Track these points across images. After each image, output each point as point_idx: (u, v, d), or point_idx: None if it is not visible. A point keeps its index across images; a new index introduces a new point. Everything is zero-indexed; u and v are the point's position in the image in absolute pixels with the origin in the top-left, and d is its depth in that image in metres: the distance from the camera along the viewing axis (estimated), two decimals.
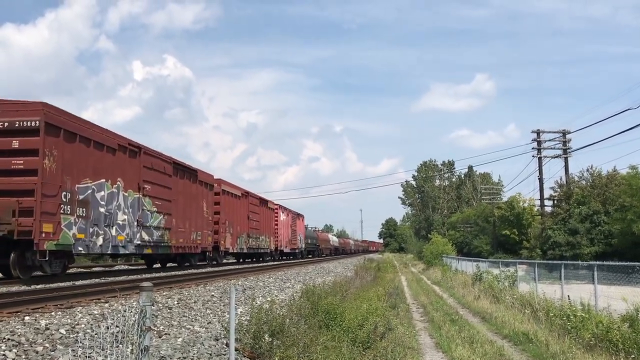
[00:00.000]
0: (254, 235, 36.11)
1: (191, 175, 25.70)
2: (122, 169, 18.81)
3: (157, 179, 21.60)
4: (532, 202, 49.85)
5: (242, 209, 33.87)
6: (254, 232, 36.23)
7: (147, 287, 4.86)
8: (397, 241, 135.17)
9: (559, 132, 43.02)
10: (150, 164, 21.07)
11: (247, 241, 34.50)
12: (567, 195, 40.05)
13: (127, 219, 18.93)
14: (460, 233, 68.72)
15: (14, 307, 9.30)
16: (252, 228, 35.72)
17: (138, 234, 19.79)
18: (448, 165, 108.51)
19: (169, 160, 23.01)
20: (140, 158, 20.18)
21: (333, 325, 9.98)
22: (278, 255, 45.74)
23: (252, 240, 35.55)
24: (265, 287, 17.81)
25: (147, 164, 20.75)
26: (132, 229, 19.31)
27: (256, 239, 36.84)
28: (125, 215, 18.84)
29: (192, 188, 25.56)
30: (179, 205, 23.71)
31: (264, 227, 39.62)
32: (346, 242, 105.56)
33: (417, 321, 15.30)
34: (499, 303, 17.57)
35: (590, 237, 35.89)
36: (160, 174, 21.96)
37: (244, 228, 34.10)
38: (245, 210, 34.62)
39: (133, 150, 19.85)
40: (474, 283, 23.53)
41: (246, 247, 34.42)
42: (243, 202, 34.27)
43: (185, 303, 11.85)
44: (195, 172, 26.29)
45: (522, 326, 13.08)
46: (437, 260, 47.71)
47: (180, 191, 23.88)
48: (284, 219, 47.78)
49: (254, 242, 36.05)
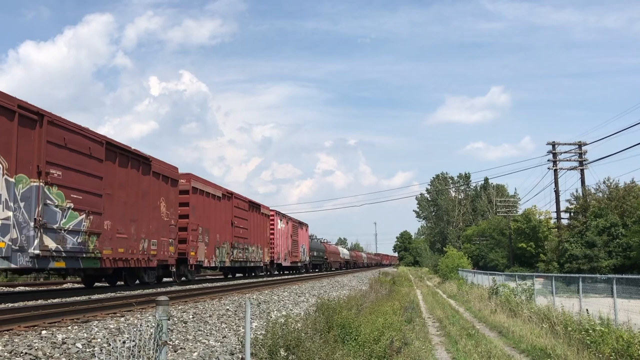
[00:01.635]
0: (240, 246, 30.09)
1: (140, 164, 19.46)
2: (5, 142, 12.78)
3: (76, 162, 15.49)
4: (549, 215, 49.45)
5: (223, 213, 27.88)
6: (240, 241, 30.24)
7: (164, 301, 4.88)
8: (412, 254, 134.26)
9: (575, 144, 42.70)
10: (63, 140, 14.91)
11: (230, 253, 28.42)
12: (583, 207, 39.66)
13: (12, 217, 12.76)
14: (476, 246, 68.18)
15: (31, 321, 9.35)
16: (237, 237, 29.75)
17: (36, 239, 13.59)
18: (464, 178, 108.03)
19: (99, 140, 16.65)
20: (43, 129, 14.02)
21: (349, 340, 9.93)
22: (275, 269, 39.99)
23: (237, 251, 29.53)
24: (280, 301, 17.77)
25: (57, 139, 14.62)
26: (24, 232, 13.23)
27: (244, 250, 30.82)
28: (10, 212, 12.70)
29: (143, 182, 19.56)
30: (117, 203, 17.65)
31: (256, 236, 33.42)
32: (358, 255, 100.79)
33: (434, 335, 15.16)
34: (516, 317, 17.38)
35: (608, 250, 35.46)
36: (83, 157, 15.81)
37: (226, 236, 28.10)
38: (228, 214, 28.59)
39: (28, 118, 13.62)
40: (490, 297, 23.30)
41: (229, 260, 28.31)
42: (225, 205, 28.24)
43: (201, 317, 11.85)
44: (148, 161, 19.97)
45: (539, 341, 12.91)
46: (453, 273, 47.35)
47: (120, 183, 17.91)
48: (283, 228, 41.82)
49: (240, 254, 30.05)
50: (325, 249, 64.10)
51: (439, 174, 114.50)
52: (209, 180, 26.85)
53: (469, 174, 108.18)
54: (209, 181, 26.96)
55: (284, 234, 41.95)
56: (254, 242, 32.99)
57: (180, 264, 23.02)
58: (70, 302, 12.90)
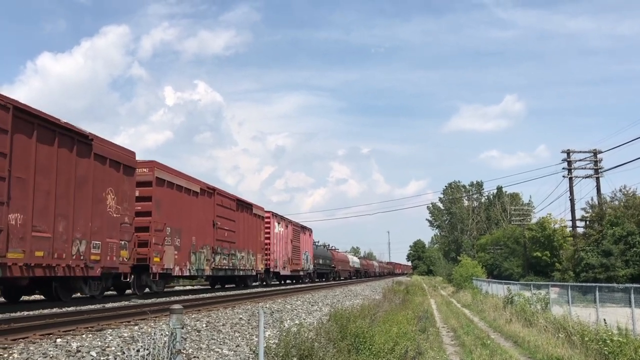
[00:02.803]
0: (224, 251, 25.52)
1: (76, 143, 15.17)
2: None
3: None
4: (564, 223, 49.00)
5: (202, 211, 23.32)
6: (225, 246, 25.61)
7: (178, 309, 4.88)
8: (426, 263, 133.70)
9: (590, 151, 42.34)
10: None
11: (211, 259, 23.74)
12: (599, 216, 39.25)
13: None
14: (490, 255, 67.70)
15: (46, 329, 9.40)
16: (221, 240, 25.17)
17: None
18: (476, 186, 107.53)
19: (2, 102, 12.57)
20: None
21: (363, 350, 9.87)
22: (272, 278, 35.50)
23: (221, 257, 24.98)
24: (293, 310, 17.73)
25: None
26: None
27: (230, 256, 26.17)
28: None
29: (80, 166, 15.41)
30: (36, 191, 13.50)
31: (246, 241, 28.82)
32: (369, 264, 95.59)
33: (448, 345, 15.04)
34: (532, 327, 17.21)
35: (624, 259, 35.02)
36: None
37: (206, 240, 23.54)
38: (208, 213, 24.02)
39: None
40: (505, 306, 23.09)
41: (210, 268, 23.63)
42: (204, 202, 23.62)
43: (214, 326, 11.85)
44: (88, 140, 15.72)
45: (556, 351, 12.76)
46: (467, 282, 47.02)
47: (41, 166, 13.78)
48: (281, 232, 36.87)
49: (224, 261, 25.48)
50: (332, 257, 59.67)
51: (451, 182, 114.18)
52: (182, 172, 22.25)
53: (481, 182, 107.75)
54: (183, 173, 22.25)
55: (283, 239, 37.12)
56: (243, 247, 28.27)
57: (142, 272, 18.97)
58: (85, 310, 12.97)
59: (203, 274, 23.94)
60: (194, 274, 22.81)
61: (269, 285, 33.56)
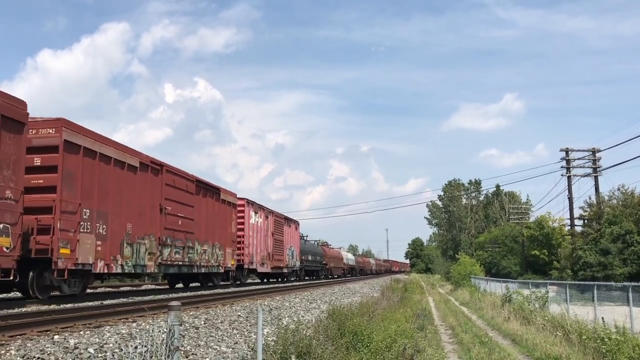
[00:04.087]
0: (177, 243, 20.92)
1: None
2: None
3: None
4: (562, 222, 49.03)
5: (142, 191, 18.59)
6: (178, 236, 21.07)
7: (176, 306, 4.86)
8: (424, 261, 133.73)
9: (589, 150, 42.38)
10: None
11: (157, 252, 19.27)
12: (597, 214, 39.28)
13: None
14: (489, 253, 67.71)
15: (43, 326, 9.39)
16: (172, 229, 20.54)
17: None
18: (475, 185, 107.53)
19: None
20: None
21: (361, 347, 9.87)
22: (246, 277, 31.41)
23: (172, 251, 20.45)
24: (292, 308, 17.73)
25: None
26: None
27: (185, 249, 21.48)
28: None
29: None
30: None
31: (210, 231, 24.25)
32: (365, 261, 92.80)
33: (446, 343, 15.04)
34: (530, 325, 17.21)
35: (622, 258, 35.06)
36: None
37: (149, 227, 18.88)
38: (153, 195, 19.34)
39: None
40: (503, 304, 23.09)
41: (154, 264, 19.13)
42: (146, 180, 18.90)
43: (212, 323, 11.84)
44: None
45: (554, 349, 12.76)
46: (465, 281, 47.04)
47: None
48: (259, 223, 32.06)
49: (178, 255, 20.93)
50: (323, 253, 54.85)
51: (450, 180, 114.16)
52: (112, 139, 17.40)
53: (479, 181, 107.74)
54: (113, 140, 17.45)
55: (261, 231, 32.52)
56: (206, 239, 23.74)
57: (44, 268, 14.36)
58: (83, 307, 12.95)
59: (144, 271, 18.92)
60: (130, 270, 17.78)
61: (244, 285, 29.70)
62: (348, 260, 70.88)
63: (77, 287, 15.78)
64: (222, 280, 27.56)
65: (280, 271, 37.12)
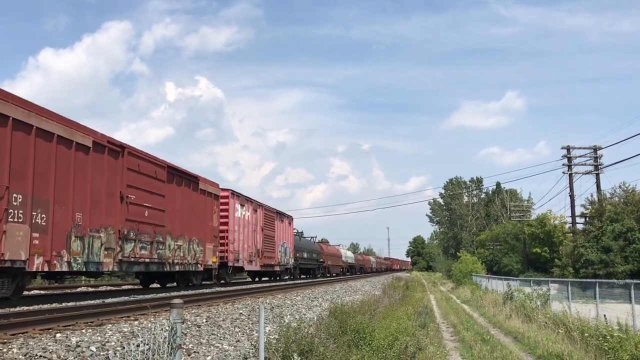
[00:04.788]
0: (143, 237, 18.09)
1: None
2: None
3: None
4: (563, 220, 49.04)
5: (97, 176, 15.72)
6: (145, 230, 18.27)
7: (178, 304, 4.86)
8: (425, 259, 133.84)
9: (590, 148, 42.35)
10: None
11: (117, 248, 16.49)
12: (599, 212, 39.28)
13: None
14: (490, 251, 67.76)
15: (45, 324, 9.39)
16: (137, 221, 17.72)
17: None
18: (476, 183, 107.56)
19: None
20: None
21: (363, 345, 9.86)
22: (231, 275, 28.17)
23: (137, 246, 17.64)
24: (293, 306, 17.74)
25: None
26: None
27: (154, 244, 18.77)
28: None
29: None
30: None
31: (186, 225, 21.38)
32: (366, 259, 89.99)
33: (448, 341, 15.04)
34: (531, 322, 17.21)
35: (624, 255, 35.08)
36: None
37: (105, 218, 16.02)
38: (111, 181, 16.47)
39: None
40: (504, 302, 23.10)
41: (114, 261, 16.32)
42: (102, 164, 16.06)
43: (214, 321, 11.84)
44: None
45: (556, 346, 12.76)
46: (467, 278, 47.07)
47: None
48: (246, 216, 29.31)
49: (144, 251, 18.21)
50: (320, 250, 51.93)
51: (452, 178, 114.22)
52: (55, 112, 14.33)
53: (481, 179, 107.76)
54: (56, 113, 14.35)
55: (249, 226, 29.80)
56: (180, 234, 20.92)
57: None
58: (85, 305, 12.96)
59: (100, 269, 15.88)
60: (79, 268, 14.81)
61: (229, 284, 26.85)
62: (347, 258, 68.51)
63: (8, 288, 12.96)
64: (205, 280, 25.19)
65: (272, 269, 34.55)
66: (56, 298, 15.04)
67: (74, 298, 15.38)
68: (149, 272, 20.17)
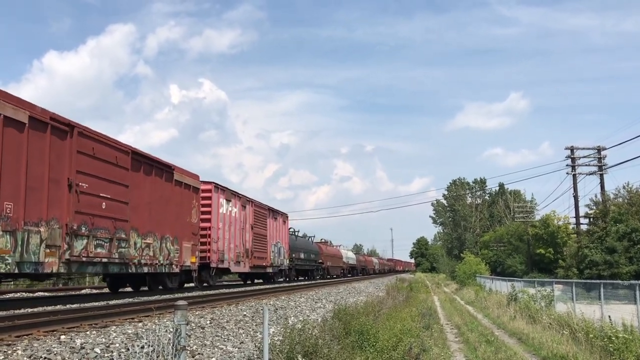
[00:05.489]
0: (100, 234, 15.37)
1: None
2: None
3: None
4: (567, 220, 48.94)
5: (36, 158, 13.17)
6: (103, 224, 15.55)
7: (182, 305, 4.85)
8: (429, 261, 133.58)
9: (594, 148, 42.24)
10: None
11: (64, 245, 13.96)
12: (603, 212, 39.17)
13: None
14: (494, 252, 67.64)
15: (50, 326, 9.40)
16: (90, 214, 14.95)
17: None
18: (479, 183, 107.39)
19: None
20: None
21: (367, 346, 9.85)
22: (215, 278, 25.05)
23: (91, 243, 14.92)
24: (297, 307, 17.73)
25: None
26: None
27: (114, 241, 16.04)
28: None
29: None
30: None
31: (158, 219, 18.80)
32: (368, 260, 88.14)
33: (452, 342, 15.01)
34: (536, 323, 17.17)
35: (628, 256, 34.96)
36: None
37: (48, 210, 13.46)
38: (57, 164, 13.91)
39: None
40: (509, 303, 23.05)
41: (60, 261, 13.78)
42: (44, 143, 13.53)
43: (218, 322, 11.84)
44: None
45: (560, 348, 12.71)
46: (470, 280, 47.00)
47: None
48: (233, 213, 26.72)
49: (101, 249, 15.41)
50: (320, 251, 49.57)
51: (455, 179, 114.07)
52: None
53: (484, 179, 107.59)
54: None
55: (236, 223, 27.27)
56: (150, 230, 18.29)
57: None
58: (89, 307, 12.98)
59: (40, 270, 13.18)
60: (10, 270, 12.14)
61: (212, 287, 24.22)
62: (348, 259, 66.10)
63: None
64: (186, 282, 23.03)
65: (263, 270, 32.06)
66: (60, 300, 15.06)
67: (78, 300, 15.40)
68: (109, 274, 17.98)
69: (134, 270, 17.57)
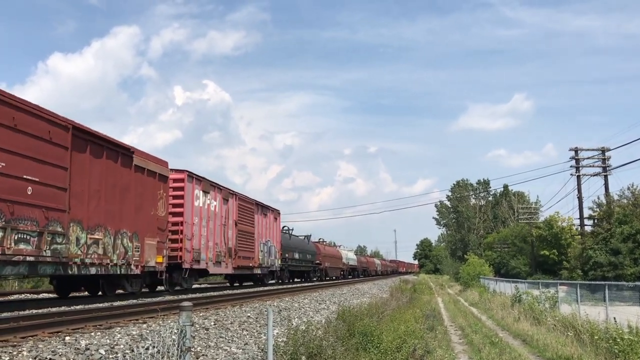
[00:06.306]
0: (25, 226, 12.28)
1: None
2: None
3: None
4: (572, 222, 48.79)
5: None
6: (26, 213, 12.39)
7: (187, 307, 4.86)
8: (433, 262, 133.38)
9: (598, 149, 42.14)
10: None
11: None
12: (607, 214, 39.08)
13: None
14: (497, 253, 67.47)
15: (55, 327, 9.43)
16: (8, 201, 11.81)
17: None
18: (483, 185, 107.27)
19: None
20: None
21: (371, 348, 9.84)
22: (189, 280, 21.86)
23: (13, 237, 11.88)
24: (301, 309, 17.73)
25: None
26: None
27: (47, 236, 12.99)
28: None
29: None
30: None
31: (112, 210, 16.03)
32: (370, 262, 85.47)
33: (456, 344, 14.98)
34: (540, 325, 17.13)
35: (633, 257, 34.87)
36: None
37: None
38: None
39: None
40: (513, 305, 23.00)
41: None
42: None
43: (222, 324, 11.85)
44: None
45: (565, 349, 12.68)
46: (474, 281, 46.90)
47: None
48: (211, 206, 23.55)
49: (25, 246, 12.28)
50: (317, 251, 46.67)
51: (459, 180, 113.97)
52: None
53: (488, 181, 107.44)
54: None
55: (216, 218, 24.08)
56: (99, 223, 15.34)
57: None
58: (93, 308, 13.00)
59: None
60: None
61: (186, 291, 21.41)
62: (348, 259, 62.92)
63: None
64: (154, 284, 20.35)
65: (250, 272, 28.99)
66: (65, 301, 15.08)
67: (83, 301, 15.43)
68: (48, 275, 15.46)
69: (77, 272, 14.40)
